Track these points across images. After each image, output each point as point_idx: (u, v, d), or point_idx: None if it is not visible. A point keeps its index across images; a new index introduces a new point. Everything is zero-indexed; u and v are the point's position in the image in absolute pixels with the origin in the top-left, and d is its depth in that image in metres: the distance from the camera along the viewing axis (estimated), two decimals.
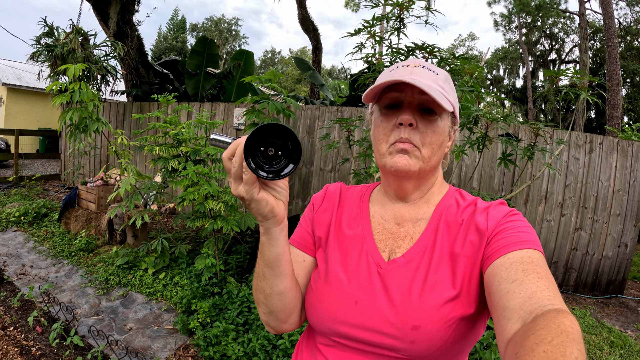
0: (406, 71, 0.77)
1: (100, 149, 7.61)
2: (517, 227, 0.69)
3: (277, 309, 0.79)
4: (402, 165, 0.75)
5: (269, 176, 0.61)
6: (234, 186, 0.64)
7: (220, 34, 35.02)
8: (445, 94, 0.75)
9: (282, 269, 0.75)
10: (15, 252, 4.53)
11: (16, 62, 16.69)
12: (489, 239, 0.70)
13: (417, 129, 0.75)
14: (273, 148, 0.60)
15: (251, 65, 8.62)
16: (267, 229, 0.71)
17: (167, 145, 3.82)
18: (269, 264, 0.74)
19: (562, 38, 25.42)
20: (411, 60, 0.82)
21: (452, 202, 0.82)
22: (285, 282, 0.77)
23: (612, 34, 10.80)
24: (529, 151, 2.95)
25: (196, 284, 3.54)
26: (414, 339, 0.68)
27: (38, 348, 2.75)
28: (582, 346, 0.44)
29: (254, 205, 0.66)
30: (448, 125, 0.80)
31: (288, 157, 0.61)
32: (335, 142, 3.72)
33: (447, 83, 0.79)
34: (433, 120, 0.76)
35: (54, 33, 6.25)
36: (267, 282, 0.76)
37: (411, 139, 0.74)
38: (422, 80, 0.73)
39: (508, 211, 0.74)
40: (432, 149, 0.76)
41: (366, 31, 3.03)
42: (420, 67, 0.78)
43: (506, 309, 0.56)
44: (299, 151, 0.61)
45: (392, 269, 0.76)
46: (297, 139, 0.60)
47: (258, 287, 0.79)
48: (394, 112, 0.77)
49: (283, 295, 0.78)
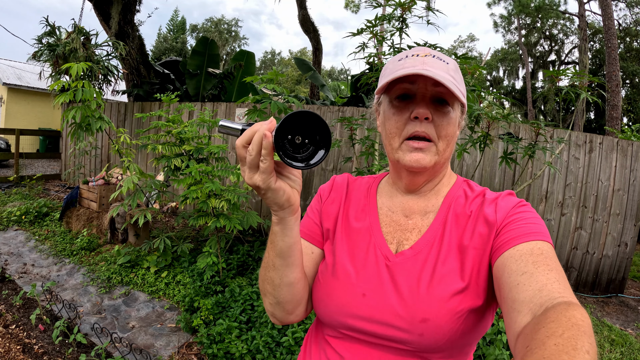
0: (417, 61, 0.74)
1: (101, 149, 7.61)
2: (527, 219, 0.69)
3: (285, 299, 0.78)
4: (418, 164, 0.74)
5: (302, 165, 0.59)
6: (248, 175, 0.62)
7: (220, 35, 35.04)
8: (456, 84, 0.73)
9: (294, 259, 0.75)
10: (17, 251, 4.54)
11: (17, 62, 16.71)
12: (498, 231, 0.70)
13: (432, 122, 0.74)
14: (300, 136, 0.59)
15: (252, 66, 8.63)
16: (281, 218, 0.69)
17: (170, 144, 3.83)
18: (280, 254, 0.73)
19: (562, 39, 25.48)
20: (420, 49, 0.78)
21: (461, 193, 0.81)
22: (296, 273, 0.76)
23: (612, 35, 10.83)
24: (530, 150, 2.96)
25: (198, 282, 3.54)
26: (422, 332, 0.68)
27: (40, 346, 2.76)
28: (593, 339, 0.44)
29: (271, 195, 0.64)
30: (459, 115, 0.79)
31: (316, 145, 0.59)
32: (337, 141, 3.73)
33: (457, 73, 0.77)
34: (447, 112, 0.74)
35: (55, 32, 6.26)
36: (277, 272, 0.75)
37: (428, 133, 0.73)
38: (435, 71, 0.71)
39: (517, 202, 0.74)
40: (447, 141, 0.75)
41: (368, 31, 3.05)
42: (431, 56, 0.75)
43: (516, 302, 0.56)
44: (329, 137, 0.59)
45: (400, 261, 0.76)
46: (327, 125, 0.59)
47: (266, 278, 0.78)
48: (406, 105, 0.75)
49: (292, 286, 0.77)
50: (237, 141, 0.62)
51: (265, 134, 0.58)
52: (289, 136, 0.58)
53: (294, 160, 0.59)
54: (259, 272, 0.83)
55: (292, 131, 0.58)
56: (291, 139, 0.58)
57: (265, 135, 0.57)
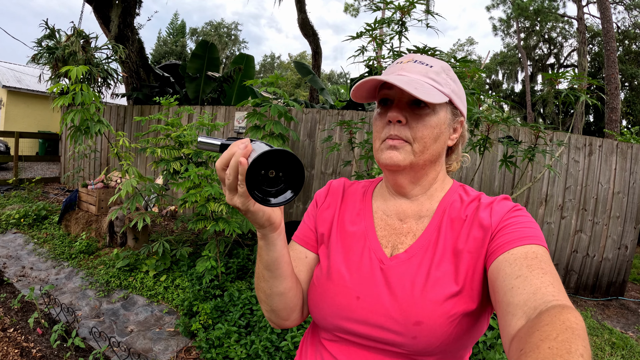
0: (396, 68, 0.79)
1: (100, 152, 7.61)
2: (521, 223, 0.69)
3: (278, 308, 0.80)
4: (391, 160, 0.76)
5: (271, 202, 0.58)
6: (228, 196, 0.63)
7: (219, 39, 35.10)
8: (436, 85, 0.75)
9: (281, 272, 0.76)
10: (15, 254, 4.52)
11: (16, 65, 16.72)
12: (492, 235, 0.70)
13: (407, 125, 0.75)
14: (274, 170, 0.58)
15: (251, 69, 8.63)
16: (264, 234, 0.71)
17: (169, 147, 3.83)
18: (267, 266, 0.75)
19: (561, 42, 25.54)
20: (410, 56, 0.82)
21: (456, 197, 0.82)
22: (285, 283, 0.78)
23: (611, 38, 10.86)
24: (530, 152, 2.96)
25: (197, 286, 3.53)
26: (416, 335, 0.68)
27: (38, 350, 2.74)
28: (587, 342, 0.44)
29: (250, 215, 0.66)
30: (447, 117, 0.78)
31: (288, 183, 0.59)
32: (336, 145, 3.73)
33: (441, 74, 0.78)
34: (424, 115, 0.75)
35: (55, 35, 6.27)
36: (267, 283, 0.77)
37: (400, 135, 0.75)
38: (410, 75, 0.75)
39: (512, 206, 0.74)
40: (424, 143, 0.75)
41: (368, 34, 3.05)
42: (412, 61, 0.79)
43: (510, 305, 0.56)
44: (302, 179, 0.59)
45: (395, 264, 0.76)
46: (302, 167, 0.59)
47: (259, 287, 0.80)
48: (386, 109, 0.79)
49: (283, 296, 0.79)
50: (217, 163, 0.62)
51: (241, 160, 0.57)
52: (262, 171, 0.58)
53: (265, 194, 0.59)
54: (254, 281, 0.85)
55: (267, 166, 0.58)
56: (264, 173, 0.58)
57: (241, 162, 0.57)
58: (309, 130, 5.36)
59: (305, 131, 5.38)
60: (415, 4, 2.88)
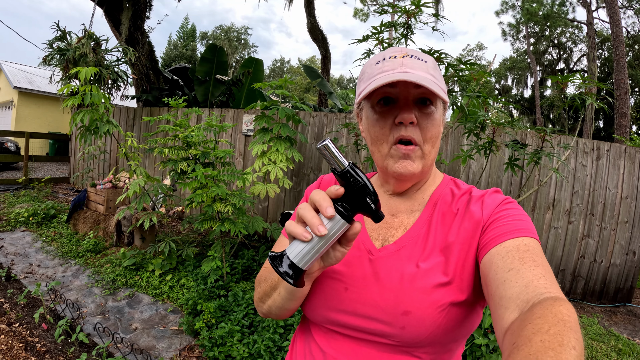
0: (396, 63, 0.73)
1: (109, 153, 7.69)
2: (513, 215, 0.69)
3: (276, 314, 0.81)
4: (406, 170, 0.75)
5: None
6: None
7: (229, 43, 35.35)
8: (437, 82, 0.73)
9: (302, 294, 0.75)
10: (23, 251, 4.58)
11: (27, 66, 16.96)
12: (484, 228, 0.70)
13: (417, 125, 0.74)
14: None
15: (260, 73, 8.68)
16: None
17: (177, 148, 3.86)
18: (290, 292, 0.74)
19: (570, 47, 25.38)
20: (397, 49, 0.77)
21: (447, 191, 0.82)
22: (295, 304, 0.77)
23: (620, 43, 10.78)
24: (536, 156, 2.95)
25: (202, 286, 3.55)
26: (404, 325, 0.68)
27: (43, 344, 2.78)
28: (580, 335, 0.44)
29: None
30: (441, 112, 0.78)
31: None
32: (342, 147, 3.74)
33: (436, 70, 0.76)
34: (430, 113, 0.74)
35: (66, 37, 6.35)
36: (282, 300, 0.76)
37: (414, 137, 0.73)
38: (417, 72, 0.71)
39: (503, 199, 0.74)
40: (432, 142, 0.76)
41: (374, 38, 3.07)
42: (409, 56, 0.75)
43: (503, 298, 0.56)
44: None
45: (384, 255, 0.76)
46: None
47: (261, 297, 0.81)
48: (389, 109, 0.75)
49: (286, 310, 0.79)
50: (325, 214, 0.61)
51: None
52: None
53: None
54: (255, 286, 0.85)
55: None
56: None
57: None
58: (317, 133, 5.38)
59: (313, 134, 5.40)
60: (421, 8, 2.89)
